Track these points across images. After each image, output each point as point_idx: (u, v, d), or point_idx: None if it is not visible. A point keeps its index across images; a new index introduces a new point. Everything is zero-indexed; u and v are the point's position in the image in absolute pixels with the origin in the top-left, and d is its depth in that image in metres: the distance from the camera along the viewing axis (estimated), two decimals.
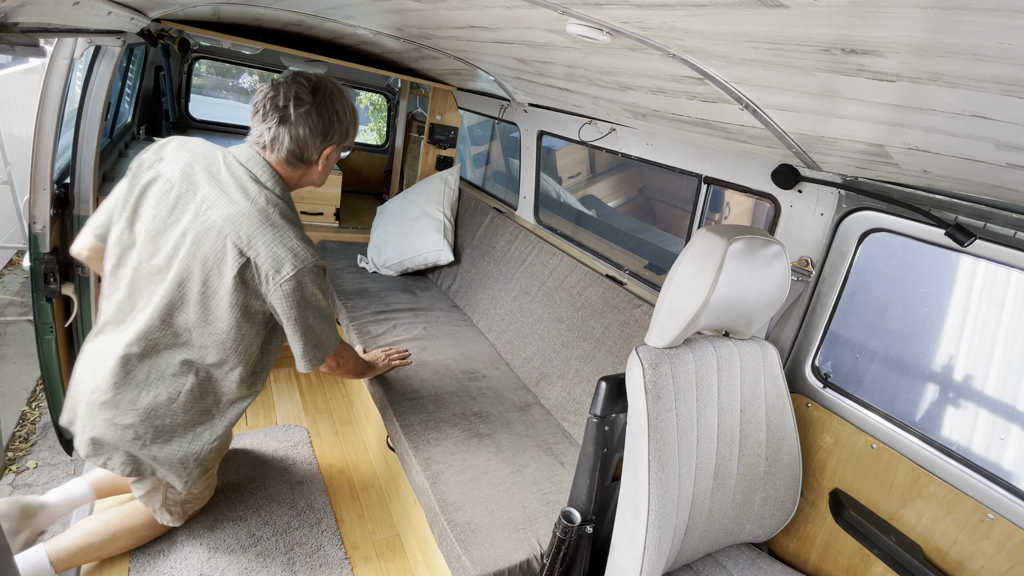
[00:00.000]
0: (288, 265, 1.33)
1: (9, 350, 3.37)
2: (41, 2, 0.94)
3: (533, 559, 1.49)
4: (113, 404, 1.38)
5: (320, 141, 1.43)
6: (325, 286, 1.45)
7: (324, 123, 1.41)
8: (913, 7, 0.57)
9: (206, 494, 1.82)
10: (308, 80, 1.41)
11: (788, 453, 1.44)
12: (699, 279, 1.18)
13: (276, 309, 1.40)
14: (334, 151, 1.49)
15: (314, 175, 1.52)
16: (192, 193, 1.36)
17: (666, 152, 1.97)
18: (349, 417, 2.62)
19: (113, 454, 1.42)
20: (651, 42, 1.03)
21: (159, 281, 1.37)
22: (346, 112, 1.46)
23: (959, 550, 1.25)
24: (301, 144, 1.41)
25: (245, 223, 1.32)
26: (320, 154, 1.46)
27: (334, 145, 1.47)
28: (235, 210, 1.33)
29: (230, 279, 1.32)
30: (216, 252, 1.32)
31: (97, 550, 1.60)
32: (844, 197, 1.43)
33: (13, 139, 4.19)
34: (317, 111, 1.40)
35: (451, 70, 2.60)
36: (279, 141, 1.40)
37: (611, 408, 1.28)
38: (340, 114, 1.44)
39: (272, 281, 1.34)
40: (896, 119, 0.93)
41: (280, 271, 1.33)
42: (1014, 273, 1.58)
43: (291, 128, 1.39)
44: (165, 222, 1.37)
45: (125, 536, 1.65)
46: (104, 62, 1.89)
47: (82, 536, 1.58)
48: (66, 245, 2.00)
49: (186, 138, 1.49)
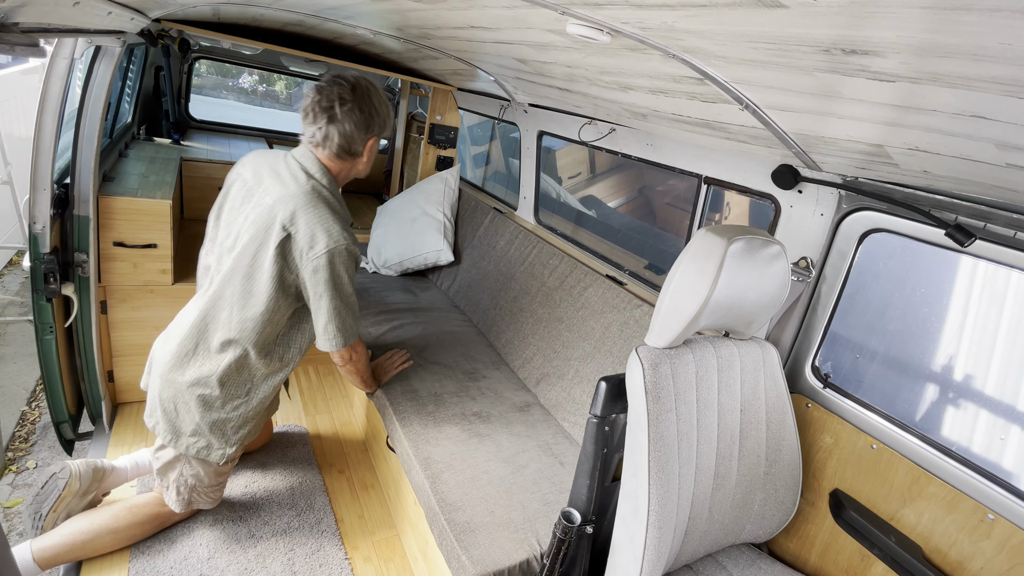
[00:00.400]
0: (322, 243, 1.49)
1: (9, 350, 3.37)
2: (41, 2, 0.94)
3: (533, 559, 1.49)
4: (171, 370, 1.59)
5: (364, 134, 1.60)
6: (353, 273, 1.59)
7: (366, 117, 1.58)
8: (913, 7, 0.57)
9: (214, 495, 1.81)
10: (347, 81, 1.58)
11: (788, 453, 1.44)
12: (699, 279, 1.18)
13: (305, 283, 1.54)
14: (375, 142, 1.66)
15: (360, 166, 1.70)
16: (257, 186, 1.60)
17: (666, 152, 1.97)
18: (349, 417, 2.62)
19: (161, 419, 1.59)
20: (651, 42, 1.03)
21: (227, 260, 1.59)
22: (382, 105, 1.64)
23: (959, 550, 1.25)
24: (348, 138, 1.58)
25: (292, 202, 1.51)
26: (365, 145, 1.64)
27: (375, 136, 1.64)
28: (285, 192, 1.53)
29: (272, 250, 1.49)
30: (265, 227, 1.51)
31: (80, 548, 1.63)
32: (844, 197, 1.43)
33: (13, 139, 4.19)
34: (359, 108, 1.57)
35: (451, 70, 2.60)
36: (330, 139, 1.58)
37: (611, 408, 1.28)
38: (377, 107, 1.61)
39: (306, 256, 1.50)
40: (896, 119, 0.93)
41: (314, 247, 1.49)
42: (1014, 273, 1.58)
43: (338, 125, 1.56)
44: (238, 212, 1.61)
45: (108, 535, 1.67)
46: (104, 62, 1.89)
47: (66, 535, 1.62)
48: (66, 245, 2.00)
49: (264, 149, 1.74)
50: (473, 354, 2.44)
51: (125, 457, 1.90)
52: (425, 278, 3.24)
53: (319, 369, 2.97)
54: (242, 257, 1.54)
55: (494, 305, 2.67)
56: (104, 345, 2.26)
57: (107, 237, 2.15)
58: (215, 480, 1.77)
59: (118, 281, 2.23)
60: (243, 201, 1.61)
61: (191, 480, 1.71)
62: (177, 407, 1.60)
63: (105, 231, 2.14)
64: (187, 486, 1.72)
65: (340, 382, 2.89)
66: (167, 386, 1.59)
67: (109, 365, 2.33)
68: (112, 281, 2.22)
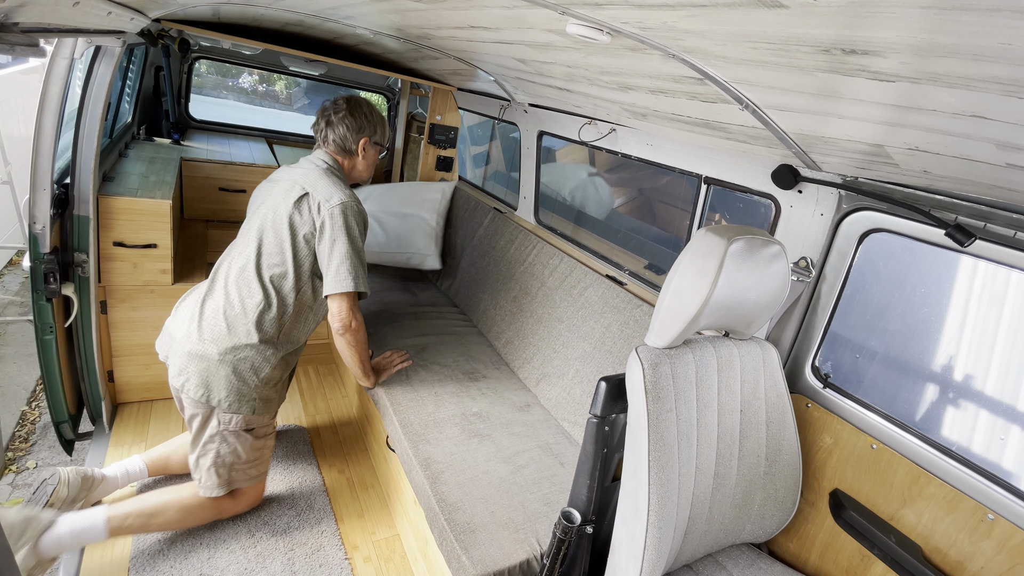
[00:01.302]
0: (336, 198, 1.78)
1: (9, 350, 3.37)
2: (41, 2, 0.94)
3: (533, 559, 1.49)
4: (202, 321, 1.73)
5: (356, 134, 1.93)
6: (363, 231, 1.86)
7: (357, 121, 1.92)
8: (913, 7, 0.57)
9: (253, 471, 1.84)
10: (344, 99, 1.95)
11: (788, 453, 1.44)
12: (699, 279, 1.18)
13: (320, 231, 1.78)
14: (369, 144, 1.97)
15: (359, 166, 2.00)
16: (276, 182, 1.94)
17: (666, 152, 1.97)
18: (349, 417, 2.62)
19: (193, 375, 1.68)
20: (651, 42, 1.03)
21: (250, 224, 1.86)
22: (372, 113, 1.97)
23: (959, 550, 1.25)
24: (343, 137, 1.92)
25: (311, 175, 1.85)
26: (358, 144, 1.95)
27: (367, 138, 1.95)
28: (303, 171, 1.88)
29: (290, 205, 1.78)
30: (285, 191, 1.83)
31: (148, 520, 1.69)
32: (844, 197, 1.43)
33: (13, 139, 4.19)
34: (350, 113, 1.92)
35: (451, 70, 2.60)
36: (328, 139, 1.94)
37: (611, 408, 1.28)
38: (368, 114, 1.95)
39: (323, 207, 1.77)
40: (896, 119, 0.93)
41: (330, 200, 1.78)
42: (1014, 273, 1.58)
43: (334, 128, 1.92)
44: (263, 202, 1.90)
45: (175, 511, 1.73)
46: (104, 62, 1.89)
47: (138, 505, 1.69)
48: (66, 245, 2.00)
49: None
50: (473, 354, 2.44)
51: (116, 465, 1.90)
52: (425, 278, 3.24)
53: (319, 369, 2.97)
54: (264, 217, 1.81)
55: (494, 305, 2.67)
56: (104, 345, 2.26)
57: (107, 237, 2.15)
58: (252, 454, 1.80)
59: (118, 281, 2.23)
60: (271, 193, 1.89)
61: (229, 458, 1.75)
62: (205, 359, 1.69)
63: (105, 231, 2.14)
64: (225, 465, 1.76)
65: (340, 382, 2.89)
66: (193, 343, 1.70)
67: (109, 365, 2.33)
68: (112, 281, 2.22)
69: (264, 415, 1.80)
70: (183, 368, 1.69)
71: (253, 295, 1.75)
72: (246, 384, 1.72)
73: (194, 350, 1.68)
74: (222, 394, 1.69)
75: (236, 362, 1.70)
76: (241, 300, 1.74)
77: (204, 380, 1.68)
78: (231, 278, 1.77)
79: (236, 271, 1.78)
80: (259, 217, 1.83)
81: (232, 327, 1.72)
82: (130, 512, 1.66)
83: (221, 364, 1.68)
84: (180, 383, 1.68)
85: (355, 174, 2.01)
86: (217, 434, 1.73)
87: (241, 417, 1.73)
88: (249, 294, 1.75)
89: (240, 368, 1.71)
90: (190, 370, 1.68)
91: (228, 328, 1.71)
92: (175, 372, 1.70)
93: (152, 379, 2.43)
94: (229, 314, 1.73)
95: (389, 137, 2.02)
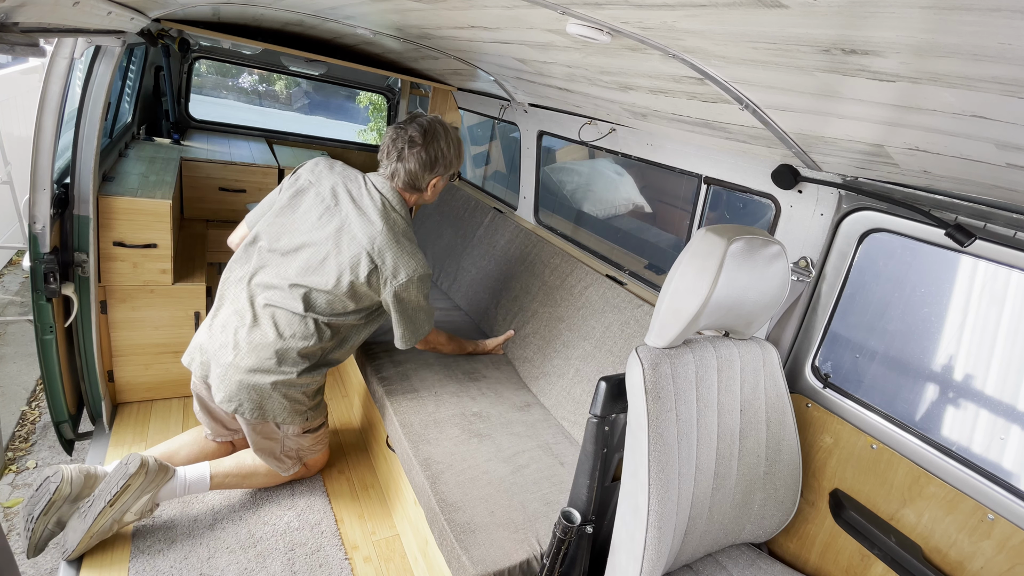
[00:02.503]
0: (403, 274, 1.73)
1: (9, 350, 3.37)
2: (41, 2, 0.94)
3: (533, 559, 1.49)
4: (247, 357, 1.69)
5: (428, 174, 1.81)
6: (427, 290, 1.84)
7: (431, 159, 1.79)
8: (913, 7, 0.57)
9: (319, 447, 2.04)
10: (420, 125, 1.78)
11: (788, 453, 1.44)
12: (699, 279, 1.18)
13: (388, 301, 1.78)
14: (441, 180, 1.86)
15: (426, 197, 1.90)
16: (337, 208, 1.77)
17: (666, 152, 1.97)
18: (349, 417, 2.62)
19: (245, 400, 1.70)
20: (651, 42, 1.03)
21: (307, 266, 1.73)
22: (450, 148, 1.83)
23: (959, 550, 1.25)
24: (413, 176, 1.80)
25: (379, 238, 1.72)
26: (428, 183, 1.84)
27: (439, 176, 1.84)
28: (373, 230, 1.73)
29: (363, 277, 1.71)
30: (354, 256, 1.71)
31: (244, 478, 1.94)
32: (844, 197, 1.43)
33: (13, 139, 4.19)
34: (425, 150, 1.77)
35: (451, 70, 2.60)
36: (398, 175, 1.80)
37: (611, 408, 1.28)
38: (444, 151, 1.81)
39: (390, 283, 1.73)
40: (896, 119, 0.93)
41: (397, 276, 1.73)
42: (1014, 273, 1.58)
43: (405, 164, 1.78)
44: (313, 224, 1.76)
45: (265, 473, 1.97)
46: (104, 62, 1.89)
47: (235, 464, 1.92)
48: (66, 245, 2.00)
49: (331, 160, 1.89)
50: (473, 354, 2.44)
51: (112, 464, 1.88)
52: None
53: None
54: (331, 275, 1.71)
55: (494, 304, 2.67)
56: (104, 345, 2.26)
57: (107, 237, 2.15)
58: (314, 441, 1.99)
59: (118, 281, 2.23)
60: (320, 217, 1.76)
61: (294, 448, 1.94)
62: (257, 389, 1.71)
63: (105, 231, 2.14)
64: (293, 452, 1.95)
65: (340, 382, 2.89)
66: (242, 373, 1.69)
67: (109, 365, 2.33)
68: (112, 281, 2.22)
69: (317, 418, 1.93)
70: (233, 395, 1.69)
71: (308, 337, 1.72)
72: (298, 404, 1.80)
73: (245, 380, 1.68)
74: (278, 414, 1.77)
75: (288, 390, 1.75)
76: (293, 336, 1.71)
77: (258, 405, 1.72)
78: (279, 314, 1.71)
79: (283, 306, 1.71)
80: (319, 272, 1.71)
81: (284, 360, 1.71)
82: (229, 472, 1.89)
83: (274, 391, 1.72)
84: (232, 408, 1.71)
85: (420, 202, 1.93)
86: (278, 440, 1.88)
87: (298, 427, 1.86)
88: (304, 335, 1.72)
89: (291, 394, 1.77)
90: (242, 397, 1.70)
91: (279, 362, 1.70)
92: (224, 398, 1.70)
93: (152, 379, 2.43)
94: (280, 348, 1.70)
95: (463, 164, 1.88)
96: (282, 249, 1.76)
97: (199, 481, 1.83)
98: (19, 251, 4.49)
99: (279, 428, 1.84)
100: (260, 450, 1.89)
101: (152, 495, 1.72)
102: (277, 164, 3.39)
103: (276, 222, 1.80)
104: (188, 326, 2.42)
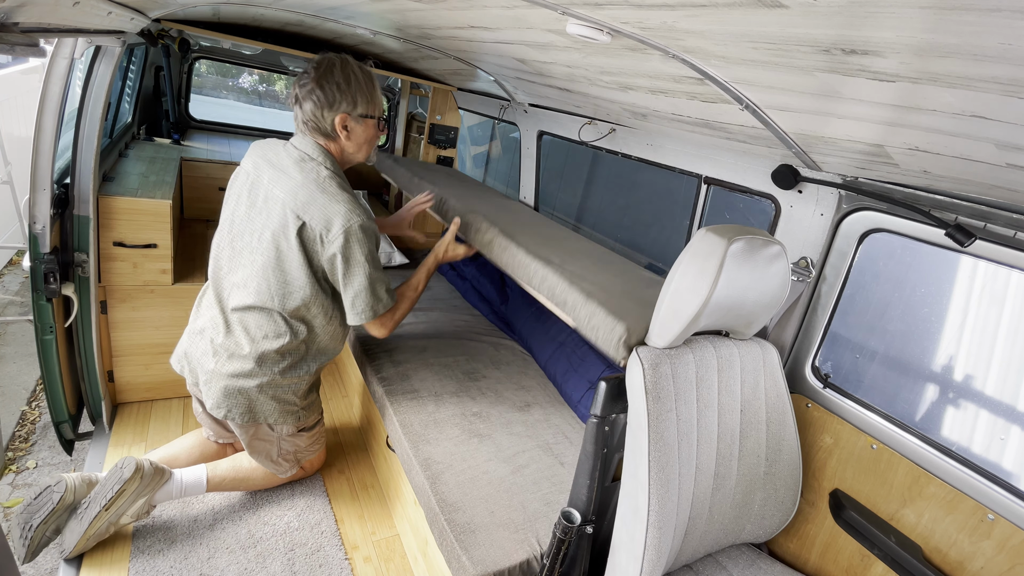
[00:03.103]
0: (337, 225, 1.51)
1: (9, 350, 3.37)
2: (41, 2, 0.94)
3: (533, 559, 1.49)
4: (227, 364, 1.63)
5: (328, 111, 1.56)
6: (372, 247, 1.59)
7: (327, 95, 1.54)
8: (913, 7, 0.57)
9: (315, 448, 2.01)
10: (314, 62, 1.56)
11: (788, 453, 1.44)
12: (699, 279, 1.18)
13: (328, 265, 1.58)
14: (350, 120, 1.59)
15: (348, 148, 1.65)
16: (259, 178, 1.63)
17: (666, 152, 1.97)
18: (349, 417, 2.62)
19: (234, 406, 1.65)
20: (651, 42, 1.03)
21: (250, 253, 1.62)
22: (349, 80, 1.55)
23: (959, 550, 1.25)
24: (315, 119, 1.57)
25: (300, 191, 1.54)
26: (333, 124, 1.58)
27: (345, 114, 1.58)
28: (292, 183, 1.55)
29: (294, 240, 1.53)
30: (281, 221, 1.54)
31: (240, 481, 1.91)
32: (844, 197, 1.43)
33: (13, 139, 4.19)
34: (319, 85, 1.54)
35: (451, 70, 2.60)
36: (299, 121, 1.60)
37: (611, 408, 1.28)
38: (341, 83, 1.54)
39: (324, 240, 1.53)
40: (896, 119, 0.93)
41: (330, 230, 1.52)
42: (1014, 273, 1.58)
43: (302, 106, 1.56)
44: (248, 207, 1.64)
45: (262, 475, 1.94)
46: (104, 62, 1.89)
47: (232, 466, 1.89)
48: (66, 245, 2.00)
49: (264, 140, 1.74)
50: (473, 354, 2.44)
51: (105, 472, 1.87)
52: None
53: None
54: (268, 251, 1.58)
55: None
56: (104, 345, 2.26)
57: (107, 237, 2.15)
58: (310, 440, 1.95)
59: (118, 281, 2.23)
60: (248, 194, 1.65)
61: (290, 450, 1.90)
62: (243, 393, 1.65)
63: (105, 231, 2.14)
64: (290, 454, 1.91)
65: (340, 382, 2.89)
66: (225, 379, 1.64)
67: (109, 365, 2.33)
68: (112, 281, 2.22)
69: (311, 416, 1.88)
70: (220, 402, 1.64)
71: (280, 335, 1.63)
72: (289, 404, 1.75)
73: (230, 386, 1.63)
74: (268, 415, 1.72)
75: (275, 391, 1.70)
76: (265, 337, 1.63)
77: (247, 408, 1.67)
78: (249, 317, 1.62)
79: (251, 307, 1.62)
80: (257, 250, 1.61)
81: (263, 362, 1.64)
82: (226, 475, 1.87)
83: (260, 394, 1.67)
84: (222, 414, 1.65)
85: (347, 158, 1.68)
86: (273, 442, 1.84)
87: (291, 426, 1.82)
88: (276, 333, 1.63)
89: (280, 395, 1.71)
90: (230, 403, 1.65)
91: (259, 365, 1.63)
92: (212, 405, 1.65)
93: (152, 379, 2.43)
94: (255, 352, 1.62)
95: (382, 107, 1.70)
96: (235, 245, 1.66)
97: (195, 484, 1.81)
98: (19, 251, 4.49)
99: (272, 430, 1.80)
100: (256, 453, 1.84)
101: (148, 498, 1.70)
102: None
103: (227, 217, 1.72)
104: None
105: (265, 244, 1.58)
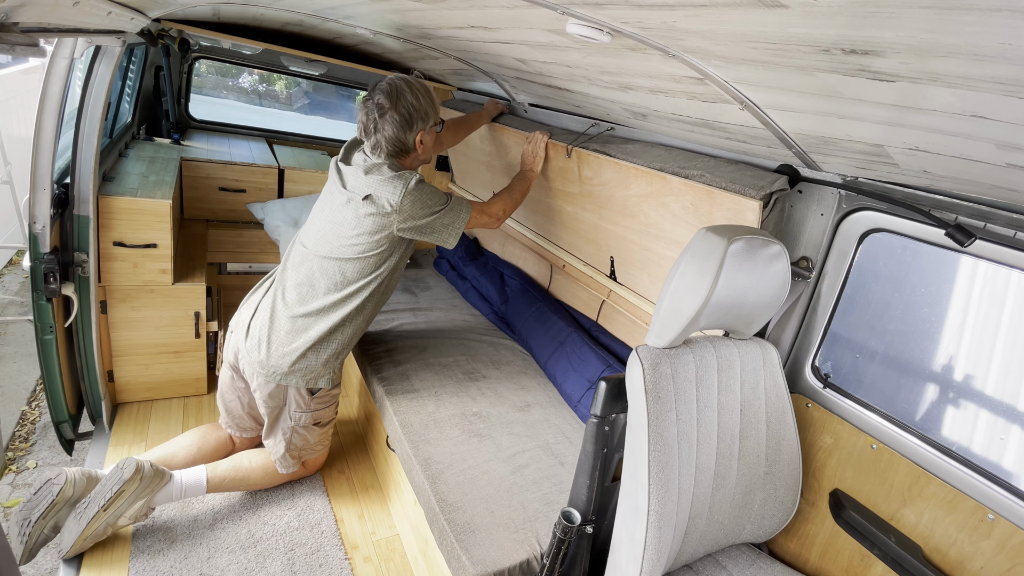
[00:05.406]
0: (398, 191, 1.70)
1: (9, 350, 3.37)
2: (41, 2, 0.94)
3: (533, 559, 1.49)
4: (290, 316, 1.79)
5: (409, 132, 1.77)
6: (432, 194, 1.76)
7: (405, 118, 1.75)
8: (913, 7, 0.57)
9: (319, 447, 2.06)
10: (382, 89, 1.75)
11: (788, 453, 1.44)
12: (699, 279, 1.18)
13: (407, 227, 1.74)
14: (425, 134, 1.82)
15: (421, 156, 1.88)
16: (341, 179, 1.83)
17: None
18: (349, 417, 2.62)
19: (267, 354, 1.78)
20: (651, 42, 1.03)
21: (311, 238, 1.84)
22: (420, 99, 1.77)
23: (959, 550, 1.25)
24: (397, 141, 1.77)
25: (363, 182, 1.75)
26: (414, 141, 1.80)
27: (421, 131, 1.80)
28: (357, 179, 1.77)
29: (363, 213, 1.72)
30: (346, 202, 1.75)
31: (240, 480, 1.94)
32: (844, 197, 1.43)
33: (13, 139, 4.19)
34: (396, 110, 1.73)
35: (451, 70, 2.60)
36: (380, 146, 1.78)
37: (611, 408, 1.28)
38: (415, 104, 1.76)
39: (392, 205, 1.70)
40: (896, 119, 0.93)
41: (393, 198, 1.70)
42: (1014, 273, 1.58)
43: (383, 132, 1.75)
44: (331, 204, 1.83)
45: (261, 475, 1.98)
46: (104, 62, 1.89)
47: (232, 466, 1.93)
48: (66, 245, 2.00)
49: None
50: (473, 354, 2.44)
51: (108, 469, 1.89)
52: (424, 279, 3.24)
53: None
54: (330, 229, 1.78)
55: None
56: (104, 345, 2.26)
57: (107, 237, 2.15)
58: (320, 436, 2.02)
59: (118, 281, 2.23)
60: (332, 194, 1.84)
61: (299, 443, 1.97)
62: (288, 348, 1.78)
63: (105, 231, 2.14)
64: (296, 448, 1.97)
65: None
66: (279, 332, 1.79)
67: (109, 365, 2.33)
68: (112, 281, 2.22)
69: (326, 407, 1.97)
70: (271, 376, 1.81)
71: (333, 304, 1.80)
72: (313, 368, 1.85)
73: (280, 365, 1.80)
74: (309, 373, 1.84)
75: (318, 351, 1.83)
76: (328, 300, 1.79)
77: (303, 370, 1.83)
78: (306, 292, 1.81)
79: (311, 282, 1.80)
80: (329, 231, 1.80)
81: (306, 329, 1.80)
82: (226, 475, 1.90)
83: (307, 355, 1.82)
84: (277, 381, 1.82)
85: (416, 163, 1.90)
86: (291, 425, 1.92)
87: (309, 415, 1.91)
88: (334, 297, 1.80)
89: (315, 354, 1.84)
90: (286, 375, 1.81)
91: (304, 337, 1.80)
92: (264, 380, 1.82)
93: (152, 379, 2.43)
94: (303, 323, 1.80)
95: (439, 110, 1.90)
96: (310, 240, 1.85)
97: (195, 485, 1.83)
98: (19, 251, 4.49)
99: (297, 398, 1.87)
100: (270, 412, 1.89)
101: (147, 500, 1.72)
102: (277, 164, 3.39)
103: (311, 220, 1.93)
104: (188, 326, 2.42)
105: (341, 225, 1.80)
